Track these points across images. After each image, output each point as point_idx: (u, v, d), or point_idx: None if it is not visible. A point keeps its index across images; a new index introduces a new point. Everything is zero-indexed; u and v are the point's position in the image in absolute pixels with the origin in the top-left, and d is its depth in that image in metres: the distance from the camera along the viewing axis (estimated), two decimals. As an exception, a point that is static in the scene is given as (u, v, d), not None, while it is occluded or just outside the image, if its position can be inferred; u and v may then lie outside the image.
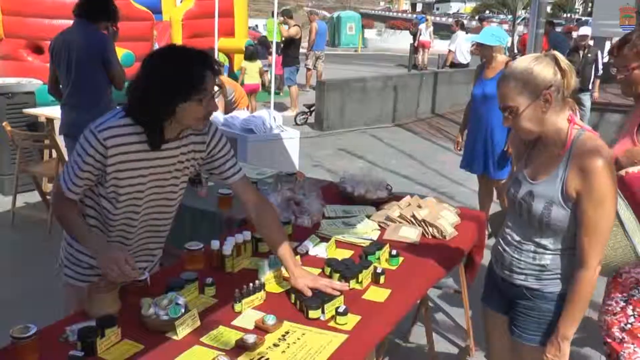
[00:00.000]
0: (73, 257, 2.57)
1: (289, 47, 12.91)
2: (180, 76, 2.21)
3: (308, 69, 16.06)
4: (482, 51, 5.30)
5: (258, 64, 11.87)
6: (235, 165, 2.60)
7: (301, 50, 17.20)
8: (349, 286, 2.54)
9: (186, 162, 2.49)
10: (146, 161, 2.36)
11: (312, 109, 11.74)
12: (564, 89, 2.20)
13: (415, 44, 21.75)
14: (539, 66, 2.17)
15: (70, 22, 4.98)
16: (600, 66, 9.79)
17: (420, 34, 21.57)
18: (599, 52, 9.95)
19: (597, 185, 2.13)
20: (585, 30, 10.29)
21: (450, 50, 16.37)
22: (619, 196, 2.32)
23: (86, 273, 2.54)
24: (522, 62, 2.21)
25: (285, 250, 2.53)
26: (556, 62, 2.18)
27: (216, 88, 2.33)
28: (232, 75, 12.75)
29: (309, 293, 2.39)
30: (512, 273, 2.41)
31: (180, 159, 2.45)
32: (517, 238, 2.39)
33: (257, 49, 13.53)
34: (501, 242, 2.48)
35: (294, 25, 13.08)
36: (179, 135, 2.41)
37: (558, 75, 2.17)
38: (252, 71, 11.71)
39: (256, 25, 19.66)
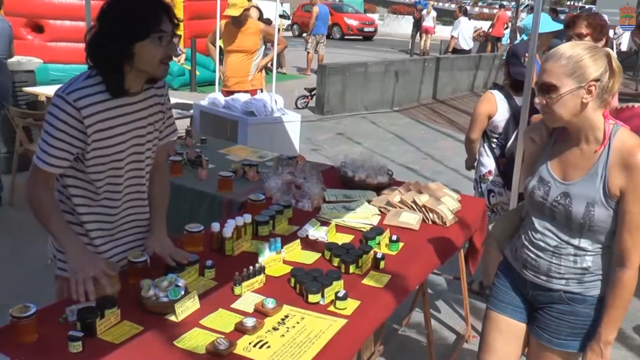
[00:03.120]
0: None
1: None
2: (135, 13, 2.17)
3: (308, 53, 16.00)
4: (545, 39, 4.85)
5: None
6: (173, 125, 2.64)
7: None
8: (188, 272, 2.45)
9: (155, 114, 2.48)
10: (124, 116, 2.33)
11: (313, 93, 11.70)
12: (608, 89, 2.11)
13: (420, 30, 21.67)
14: (594, 57, 2.08)
15: (71, 0, 4.93)
16: None
17: (423, 20, 21.50)
18: None
19: None
20: None
21: (452, 37, 16.32)
22: None
23: None
24: (578, 46, 2.12)
25: (158, 210, 2.60)
26: (609, 60, 2.10)
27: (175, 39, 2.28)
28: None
29: (151, 253, 2.43)
30: (550, 278, 2.29)
31: (150, 112, 2.44)
32: (554, 243, 2.27)
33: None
34: (531, 247, 2.34)
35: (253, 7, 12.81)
36: (142, 87, 2.38)
37: (607, 73, 2.09)
38: None
39: (284, 10, 19.34)
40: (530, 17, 5.55)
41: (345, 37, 27.47)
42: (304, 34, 16.21)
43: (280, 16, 13.11)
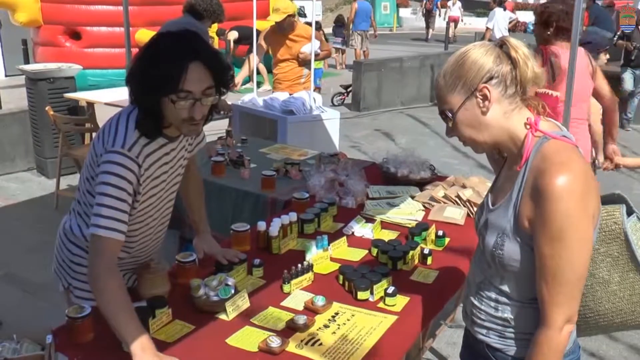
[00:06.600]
0: (84, 274, 2.22)
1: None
2: (154, 67, 1.97)
3: (355, 50, 16.01)
4: None
5: None
6: (200, 134, 2.45)
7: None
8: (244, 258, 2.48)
9: (189, 146, 2.38)
10: (168, 164, 2.23)
11: (348, 90, 11.70)
12: (518, 83, 1.70)
13: (428, 19, 22.41)
14: (475, 54, 1.70)
15: (107, 7, 5.03)
16: None
17: (449, 9, 21.53)
18: None
19: (553, 213, 1.57)
20: None
21: (487, 28, 16.13)
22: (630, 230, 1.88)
23: None
24: (457, 53, 1.75)
25: (199, 211, 2.64)
26: (503, 49, 1.71)
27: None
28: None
29: (201, 255, 2.52)
30: (473, 325, 1.89)
31: (187, 148, 2.36)
32: (478, 279, 1.87)
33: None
34: (467, 281, 1.98)
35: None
36: None
37: (503, 65, 1.68)
38: None
39: (302, 7, 18.92)
40: None
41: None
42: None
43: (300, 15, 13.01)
